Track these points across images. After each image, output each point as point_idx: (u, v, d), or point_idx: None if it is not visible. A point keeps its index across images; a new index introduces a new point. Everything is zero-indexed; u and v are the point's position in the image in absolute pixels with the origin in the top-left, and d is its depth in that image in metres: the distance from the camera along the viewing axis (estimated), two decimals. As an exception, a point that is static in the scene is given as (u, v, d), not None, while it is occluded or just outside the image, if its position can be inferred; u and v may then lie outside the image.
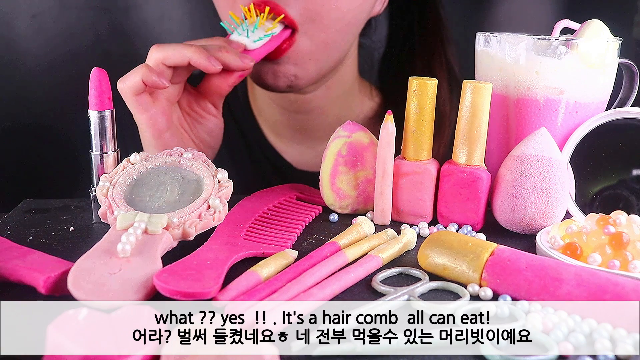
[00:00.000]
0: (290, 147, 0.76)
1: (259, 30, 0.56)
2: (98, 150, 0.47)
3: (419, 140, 0.49)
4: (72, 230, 0.47)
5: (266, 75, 0.62)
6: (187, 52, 0.52)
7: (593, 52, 0.48)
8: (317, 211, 0.52)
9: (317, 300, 0.36)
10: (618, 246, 0.39)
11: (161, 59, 0.52)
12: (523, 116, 0.50)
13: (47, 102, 0.90)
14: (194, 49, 0.52)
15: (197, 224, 0.42)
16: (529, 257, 0.38)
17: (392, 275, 0.40)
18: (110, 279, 0.35)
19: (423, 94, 0.48)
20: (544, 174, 0.45)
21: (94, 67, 0.47)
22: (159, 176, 0.46)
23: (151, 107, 0.53)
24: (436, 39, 0.76)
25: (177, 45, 0.52)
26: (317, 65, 0.64)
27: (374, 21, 0.75)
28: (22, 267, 0.37)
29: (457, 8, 0.94)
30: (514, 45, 0.49)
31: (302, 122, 0.74)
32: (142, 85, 0.51)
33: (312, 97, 0.71)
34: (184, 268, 0.37)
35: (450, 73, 0.75)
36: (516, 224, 0.47)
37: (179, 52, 0.51)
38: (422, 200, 0.49)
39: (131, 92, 0.52)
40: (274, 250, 0.42)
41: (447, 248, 0.40)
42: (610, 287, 0.35)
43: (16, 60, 0.89)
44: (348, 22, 0.64)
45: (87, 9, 0.89)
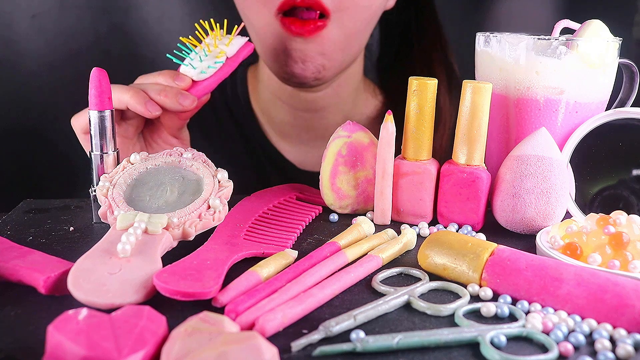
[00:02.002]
0: (295, 147, 0.77)
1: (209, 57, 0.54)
2: (98, 150, 0.47)
3: (419, 140, 0.49)
4: (72, 230, 0.47)
5: (294, 66, 0.62)
6: (125, 96, 0.51)
7: (593, 52, 0.48)
8: (317, 211, 0.52)
9: (317, 300, 0.36)
10: (618, 246, 0.39)
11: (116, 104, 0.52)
12: (523, 116, 0.50)
13: (47, 102, 0.90)
14: (131, 93, 0.51)
15: (197, 224, 0.42)
16: (529, 257, 0.38)
17: (392, 275, 0.40)
18: (110, 279, 0.35)
19: (423, 94, 0.48)
20: (544, 174, 0.45)
21: (94, 67, 0.47)
22: (159, 176, 0.46)
23: None
24: (434, 38, 0.76)
25: (117, 89, 0.51)
26: (343, 55, 0.65)
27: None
28: (22, 267, 0.37)
29: (457, 8, 0.94)
30: (514, 45, 0.49)
31: (309, 121, 0.75)
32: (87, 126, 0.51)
33: (322, 95, 0.72)
34: (184, 268, 0.37)
35: (449, 69, 0.76)
36: (516, 224, 0.47)
37: (117, 97, 0.51)
38: (422, 200, 0.49)
39: (81, 131, 0.53)
40: (274, 250, 0.42)
41: (447, 248, 0.40)
42: (610, 287, 0.35)
43: (16, 60, 0.89)
44: (374, 12, 0.65)
45: (87, 9, 0.89)
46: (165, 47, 0.91)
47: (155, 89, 0.52)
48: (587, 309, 0.35)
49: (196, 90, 0.53)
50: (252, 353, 0.27)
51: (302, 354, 0.31)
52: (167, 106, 0.52)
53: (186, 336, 0.29)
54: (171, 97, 0.52)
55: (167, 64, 0.57)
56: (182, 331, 0.29)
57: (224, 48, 0.54)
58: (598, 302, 0.34)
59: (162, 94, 0.52)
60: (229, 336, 0.28)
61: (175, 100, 0.52)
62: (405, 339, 0.32)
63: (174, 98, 0.52)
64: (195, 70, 0.53)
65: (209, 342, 0.28)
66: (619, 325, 0.33)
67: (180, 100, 0.52)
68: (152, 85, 0.53)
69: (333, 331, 0.32)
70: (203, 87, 0.54)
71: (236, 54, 0.55)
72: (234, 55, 0.55)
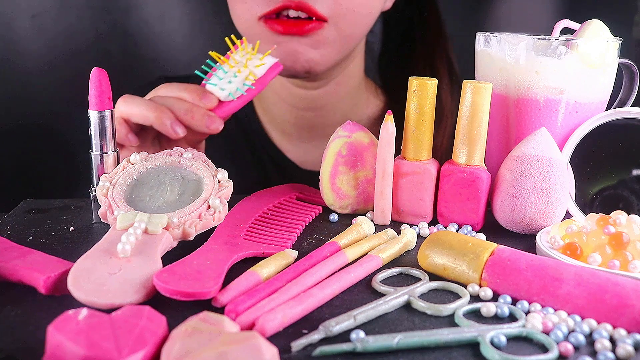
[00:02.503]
0: (297, 146, 0.77)
1: (238, 78, 0.52)
2: (98, 150, 0.47)
3: (419, 140, 0.49)
4: (72, 230, 0.47)
5: (285, 59, 0.61)
6: (151, 114, 0.50)
7: (593, 52, 0.48)
8: (317, 211, 0.52)
9: (317, 300, 0.36)
10: (618, 246, 0.39)
11: (126, 115, 0.51)
12: (523, 116, 0.50)
13: (47, 102, 0.90)
14: (158, 112, 0.49)
15: (197, 224, 0.42)
16: (529, 257, 0.38)
17: (392, 275, 0.40)
18: (110, 279, 0.35)
19: (423, 94, 0.48)
20: (544, 174, 0.45)
21: (94, 67, 0.47)
22: (159, 176, 0.46)
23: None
24: (437, 34, 0.76)
25: (143, 103, 0.50)
26: (337, 53, 0.64)
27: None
28: (22, 267, 0.37)
29: (457, 8, 0.94)
30: (514, 45, 0.49)
31: (311, 120, 0.75)
32: None
33: (322, 93, 0.72)
34: (184, 268, 0.37)
35: (450, 66, 0.76)
36: (516, 224, 0.47)
37: (142, 114, 0.50)
38: (422, 200, 0.49)
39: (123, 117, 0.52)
40: (274, 250, 0.42)
41: (447, 248, 0.40)
42: (610, 287, 0.35)
43: (16, 60, 0.89)
44: (373, 17, 0.65)
45: (87, 9, 0.89)
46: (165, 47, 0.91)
47: (182, 108, 0.51)
48: (587, 309, 0.35)
49: (222, 112, 0.52)
50: (252, 353, 0.27)
51: (302, 354, 0.31)
52: (194, 128, 0.51)
53: (186, 336, 0.29)
54: (198, 119, 0.50)
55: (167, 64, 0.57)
56: (182, 331, 0.29)
57: (253, 70, 0.52)
58: (598, 302, 0.34)
59: (190, 114, 0.50)
60: (229, 336, 0.28)
61: (203, 123, 0.51)
62: (405, 339, 0.32)
63: (201, 121, 0.51)
64: (224, 92, 0.52)
65: (209, 342, 0.28)
66: (619, 325, 0.33)
67: (208, 124, 0.51)
68: (178, 103, 0.51)
69: (333, 331, 0.32)
70: (229, 108, 0.52)
71: (265, 75, 0.54)
72: (263, 76, 0.53)
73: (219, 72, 0.52)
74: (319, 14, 0.59)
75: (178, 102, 0.51)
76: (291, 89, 0.72)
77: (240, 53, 0.53)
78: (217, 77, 0.52)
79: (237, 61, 0.52)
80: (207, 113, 0.51)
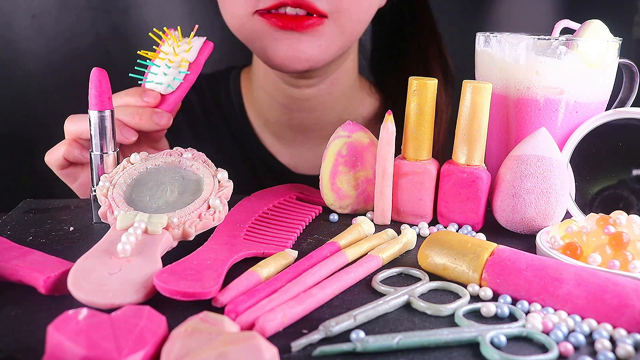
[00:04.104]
0: (290, 149, 0.76)
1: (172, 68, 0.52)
2: (98, 150, 0.47)
3: (419, 140, 0.49)
4: (72, 230, 0.47)
5: (285, 55, 0.61)
6: None
7: (593, 52, 0.48)
8: (317, 211, 0.52)
9: (317, 300, 0.36)
10: (618, 246, 0.39)
11: (76, 133, 0.51)
12: (523, 116, 0.50)
13: (47, 102, 0.90)
14: None
15: (197, 224, 0.42)
16: (529, 257, 0.38)
17: (392, 275, 0.40)
18: (110, 279, 0.35)
19: (423, 94, 0.48)
20: (544, 174, 0.45)
21: (94, 67, 0.47)
22: (159, 176, 0.46)
23: (80, 174, 0.54)
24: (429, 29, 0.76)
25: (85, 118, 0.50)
26: (337, 48, 0.64)
27: None
28: (22, 267, 0.37)
29: (457, 8, 0.94)
30: (514, 45, 0.49)
31: (304, 122, 0.74)
32: (64, 161, 0.52)
33: (316, 92, 0.71)
34: (184, 268, 0.37)
35: (444, 64, 0.75)
36: (516, 224, 0.47)
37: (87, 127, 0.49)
38: (422, 200, 0.49)
39: (56, 167, 0.53)
40: (274, 250, 0.42)
41: (447, 248, 0.40)
42: (610, 287, 0.35)
43: (16, 60, 0.89)
44: (372, 11, 0.65)
45: (87, 9, 0.89)
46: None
47: (128, 113, 0.51)
48: (587, 309, 0.35)
49: (167, 105, 0.52)
50: (252, 353, 0.27)
51: (302, 354, 0.31)
52: (144, 129, 0.51)
53: (186, 336, 0.29)
54: (146, 119, 0.51)
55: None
56: (182, 331, 0.29)
57: (184, 55, 0.52)
58: (598, 302, 0.34)
59: (137, 117, 0.51)
60: (229, 336, 0.28)
61: (152, 121, 0.51)
62: (405, 339, 0.32)
63: (149, 120, 0.51)
64: (162, 85, 0.52)
65: (209, 342, 0.28)
66: (619, 325, 0.33)
67: (157, 120, 0.51)
68: (123, 109, 0.51)
69: (333, 331, 0.32)
70: (173, 99, 0.53)
71: (198, 57, 0.53)
72: (196, 59, 0.53)
73: (152, 68, 0.53)
74: (318, 10, 0.59)
75: (123, 109, 0.52)
76: (285, 89, 0.71)
77: (167, 43, 0.53)
78: (152, 73, 0.52)
79: (167, 52, 0.52)
80: (153, 111, 0.52)
